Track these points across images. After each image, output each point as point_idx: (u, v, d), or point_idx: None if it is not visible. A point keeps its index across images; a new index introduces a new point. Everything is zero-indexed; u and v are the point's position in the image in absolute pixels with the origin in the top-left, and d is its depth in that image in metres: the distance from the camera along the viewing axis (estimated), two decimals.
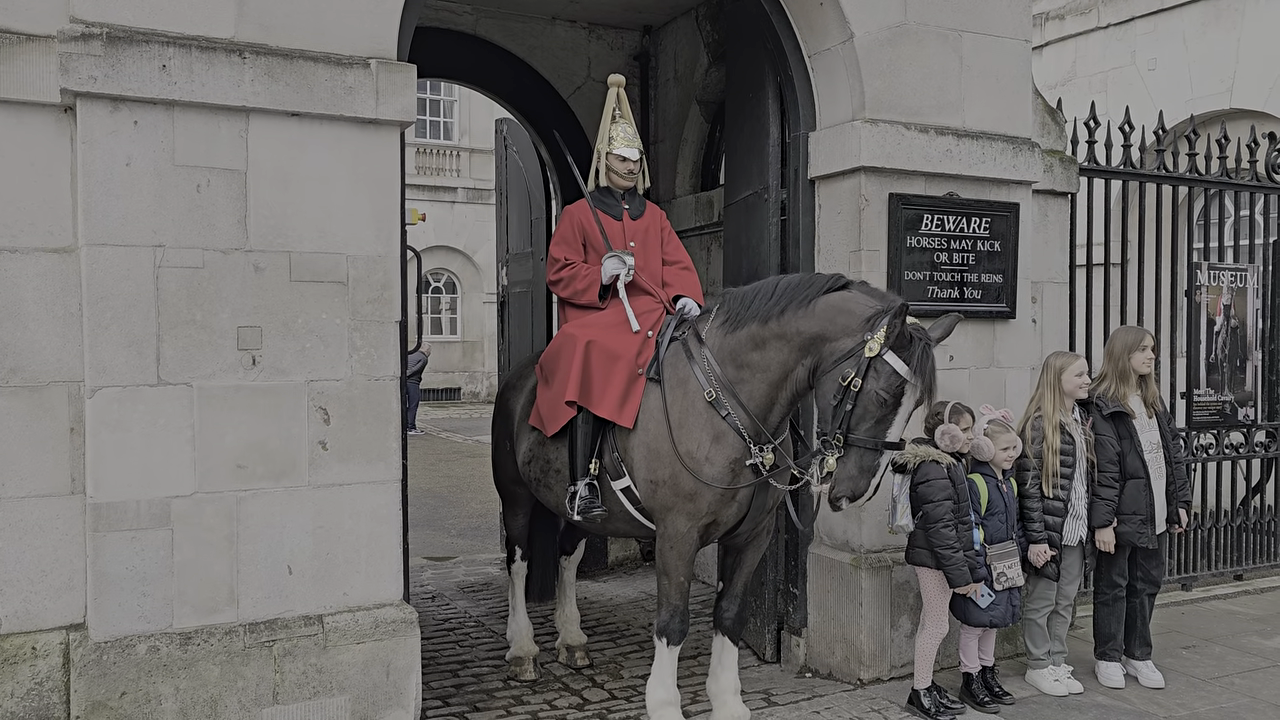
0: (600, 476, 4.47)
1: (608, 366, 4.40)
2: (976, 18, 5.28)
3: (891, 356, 3.79)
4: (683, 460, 4.16)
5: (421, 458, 13.68)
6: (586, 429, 4.44)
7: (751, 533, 4.43)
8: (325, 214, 3.99)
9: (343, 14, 4.00)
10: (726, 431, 4.16)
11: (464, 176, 26.72)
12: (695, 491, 4.16)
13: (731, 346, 4.20)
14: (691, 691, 4.93)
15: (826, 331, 3.96)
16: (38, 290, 3.72)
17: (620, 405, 4.33)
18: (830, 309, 3.98)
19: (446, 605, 6.62)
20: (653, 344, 4.47)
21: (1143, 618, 5.20)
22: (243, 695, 3.84)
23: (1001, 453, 4.73)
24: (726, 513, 4.23)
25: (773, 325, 4.08)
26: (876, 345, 3.80)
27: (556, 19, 7.34)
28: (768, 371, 4.12)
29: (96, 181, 3.66)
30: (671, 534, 4.24)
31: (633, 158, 4.92)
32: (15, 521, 3.72)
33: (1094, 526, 4.98)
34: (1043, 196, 5.89)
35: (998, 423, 4.79)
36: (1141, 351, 5.06)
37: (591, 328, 4.57)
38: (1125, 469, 4.99)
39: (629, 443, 4.35)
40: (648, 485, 4.29)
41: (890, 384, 3.79)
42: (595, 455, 4.45)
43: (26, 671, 3.71)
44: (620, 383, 4.36)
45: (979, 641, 4.83)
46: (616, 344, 4.46)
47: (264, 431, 3.91)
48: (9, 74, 3.63)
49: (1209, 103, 10.29)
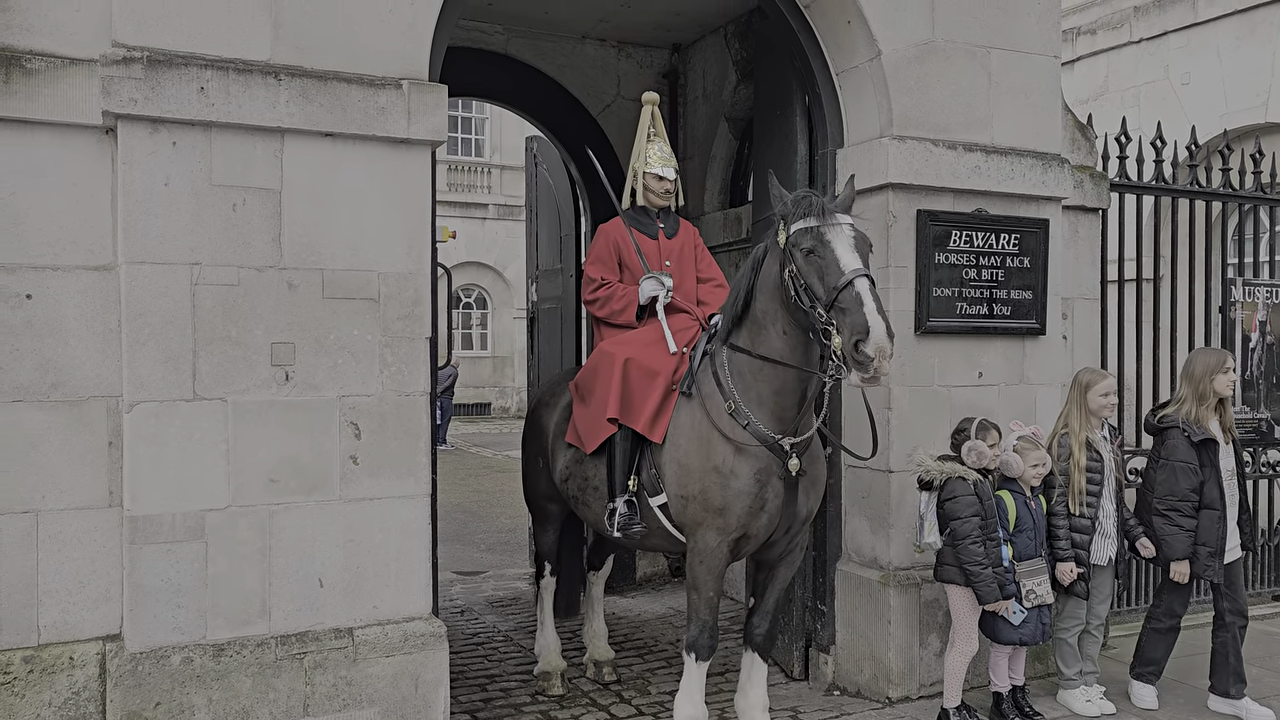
0: (638, 493, 4.48)
1: (645, 384, 4.43)
2: (1005, 34, 5.28)
3: (793, 225, 3.92)
4: (711, 474, 4.17)
5: (452, 472, 13.76)
6: (625, 445, 4.45)
7: (786, 547, 4.42)
8: (357, 232, 4.06)
9: (375, 36, 4.08)
10: (749, 441, 4.17)
11: (495, 193, 26.92)
12: (724, 506, 4.16)
13: (741, 342, 4.26)
14: (719, 708, 4.92)
15: (769, 282, 4.09)
16: (78, 307, 3.81)
17: (653, 421, 4.36)
18: (765, 274, 4.13)
19: (475, 620, 6.65)
20: (687, 361, 4.50)
21: (1235, 652, 4.96)
22: (274, 707, 3.89)
23: (1031, 470, 4.69)
24: (757, 524, 4.21)
25: (748, 322, 4.21)
26: (782, 234, 3.97)
27: (586, 38, 7.41)
28: (761, 369, 4.15)
29: (136, 201, 3.75)
30: (702, 549, 4.24)
31: (669, 177, 4.95)
32: (55, 533, 3.80)
33: (1170, 559, 4.85)
34: (1073, 212, 5.86)
35: (1027, 439, 4.76)
36: (1225, 374, 4.88)
37: (629, 345, 4.60)
38: (1203, 498, 4.83)
39: (662, 459, 4.37)
40: (679, 500, 4.31)
41: (805, 237, 3.86)
42: (634, 472, 4.46)
43: (64, 681, 3.78)
44: (656, 399, 4.39)
45: (1009, 661, 4.79)
46: (654, 361, 4.49)
47: (296, 446, 3.97)
48: (53, 97, 3.73)
49: (1244, 117, 10.17)
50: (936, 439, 4.98)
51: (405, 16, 4.13)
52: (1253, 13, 10.39)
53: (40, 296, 3.76)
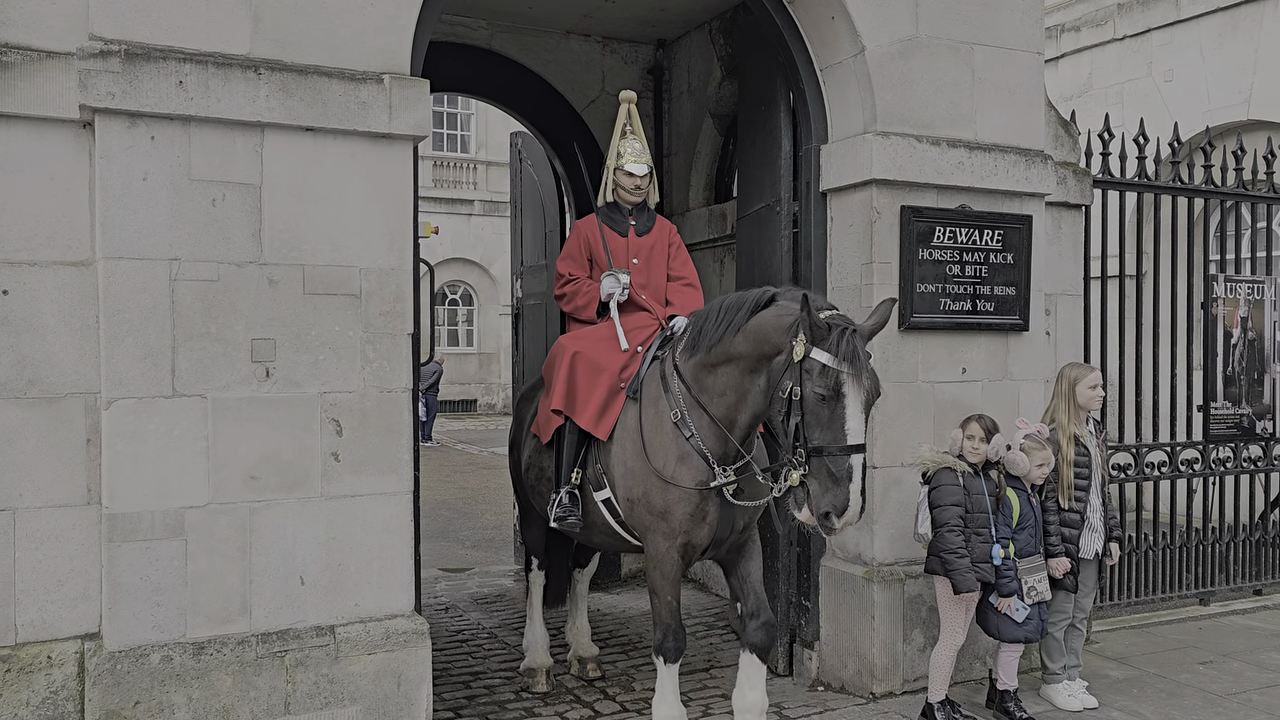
0: (582, 486, 4.53)
1: (591, 378, 4.49)
2: (988, 31, 5.28)
3: (817, 352, 3.73)
4: (653, 479, 4.20)
5: (436, 469, 13.71)
6: (572, 438, 4.53)
7: (732, 546, 4.39)
8: (339, 227, 4.03)
9: (356, 30, 4.05)
10: (690, 453, 4.17)
11: (480, 189, 26.83)
12: (666, 509, 4.18)
13: (693, 370, 4.22)
14: (704, 704, 4.92)
15: (763, 350, 3.95)
16: (56, 303, 3.77)
17: (598, 418, 4.42)
18: (758, 328, 3.97)
19: (460, 617, 6.63)
20: (639, 360, 4.51)
21: None
22: (255, 705, 3.86)
23: (1036, 469, 4.72)
24: (699, 534, 4.23)
25: (716, 351, 4.10)
26: (800, 347, 3.76)
27: (571, 33, 7.38)
28: (724, 395, 4.13)
29: (114, 196, 3.71)
30: (654, 554, 4.27)
31: (640, 173, 4.96)
32: (32, 531, 3.76)
33: None
34: (1056, 209, 5.88)
35: (1033, 438, 4.78)
36: None
37: (582, 340, 4.69)
38: None
39: (609, 458, 4.41)
40: (625, 503, 4.36)
41: (824, 379, 3.70)
42: (579, 465, 4.52)
43: (42, 680, 3.75)
44: (601, 396, 4.44)
45: (997, 660, 4.80)
46: (602, 357, 4.54)
47: (277, 443, 3.95)
48: (29, 90, 3.68)
49: (1226, 114, 10.22)
50: (920, 435, 5.00)
51: (386, 10, 4.10)
52: (1235, 10, 10.44)
53: (17, 292, 3.72)
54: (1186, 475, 6.69)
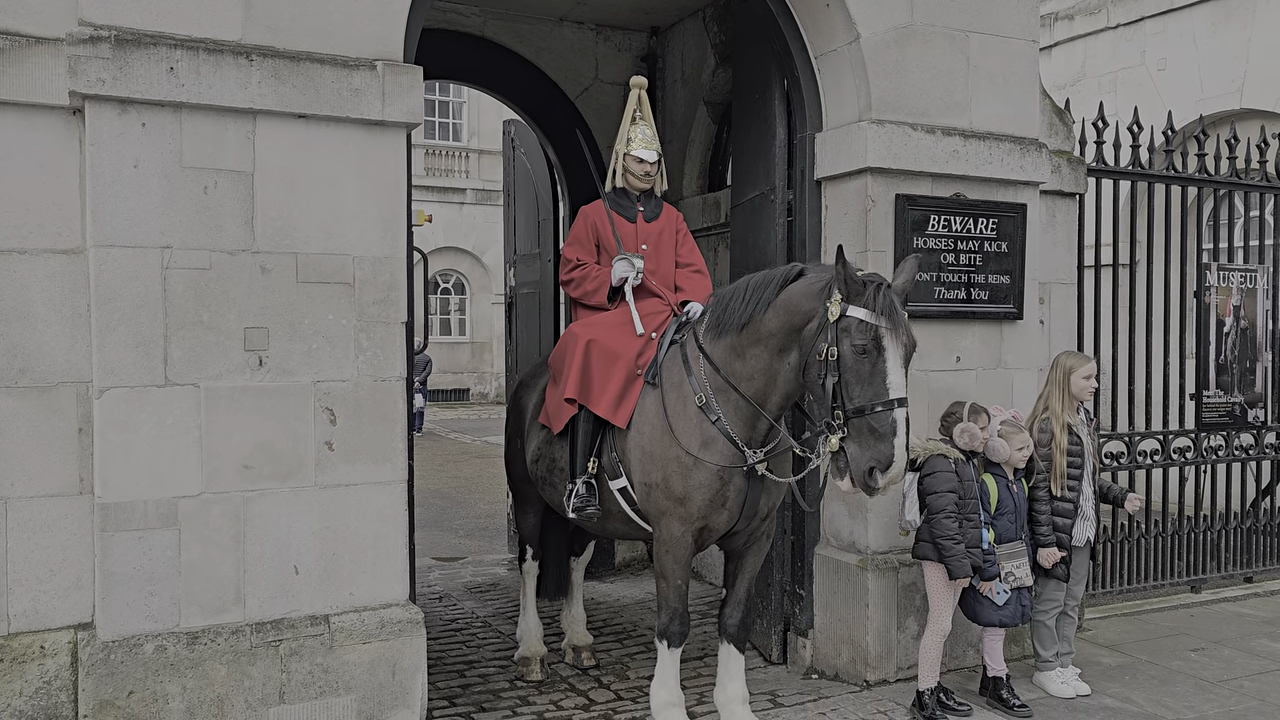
0: (598, 476, 4.49)
1: (607, 366, 4.42)
2: (983, 18, 5.27)
3: (854, 309, 3.74)
4: (674, 464, 4.17)
5: (430, 458, 13.69)
6: (587, 427, 4.46)
7: (749, 536, 4.41)
8: (332, 215, 4.01)
9: (349, 16, 4.02)
10: (716, 437, 4.15)
11: (473, 178, 26.73)
12: (686, 495, 4.16)
13: (720, 353, 4.20)
14: (698, 693, 4.93)
15: (794, 322, 3.95)
16: (46, 291, 3.74)
17: (616, 405, 4.36)
18: (789, 300, 3.98)
19: (454, 605, 6.63)
20: (655, 346, 4.47)
21: None
22: (249, 695, 3.86)
23: (1017, 453, 4.73)
24: (718, 519, 4.23)
25: (747, 332, 4.08)
26: (835, 306, 3.76)
27: (564, 20, 7.35)
28: (753, 379, 4.11)
29: (104, 183, 3.68)
30: (666, 538, 4.25)
31: (650, 160, 4.92)
32: (24, 521, 3.74)
33: None
34: (1050, 197, 5.88)
35: (1010, 423, 4.79)
36: None
37: (595, 327, 4.60)
38: None
39: (626, 444, 4.37)
40: (642, 488, 4.31)
41: (862, 333, 3.71)
42: (595, 454, 4.46)
43: (35, 670, 3.73)
44: (618, 383, 4.38)
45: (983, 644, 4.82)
46: (617, 344, 4.48)
47: (270, 432, 3.93)
48: (18, 76, 3.65)
49: (1219, 103, 10.23)
50: (914, 423, 4.99)
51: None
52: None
53: (7, 281, 3.70)
54: (1179, 463, 6.71)
